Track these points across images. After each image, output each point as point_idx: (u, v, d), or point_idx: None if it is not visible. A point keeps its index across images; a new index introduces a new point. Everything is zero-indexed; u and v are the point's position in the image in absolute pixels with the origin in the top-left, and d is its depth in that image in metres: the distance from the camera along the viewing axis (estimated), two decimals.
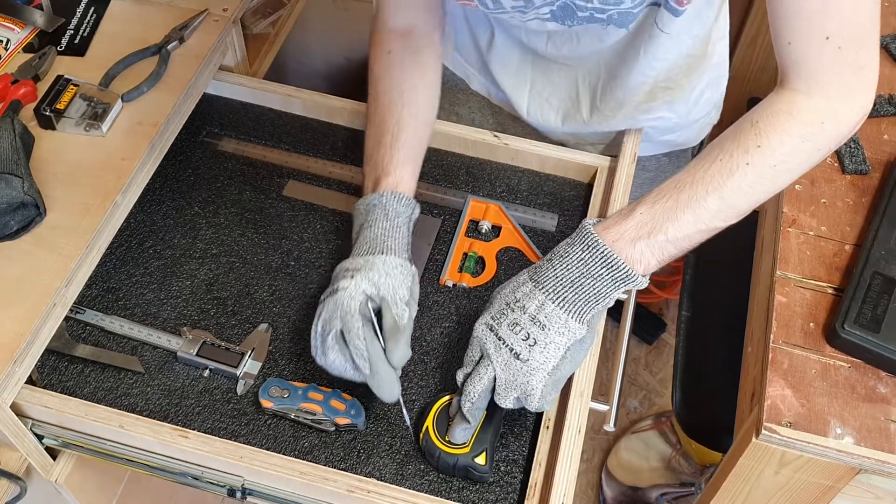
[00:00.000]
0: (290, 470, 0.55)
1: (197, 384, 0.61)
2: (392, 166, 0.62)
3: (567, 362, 0.54)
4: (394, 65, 0.65)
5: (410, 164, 0.63)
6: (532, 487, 0.56)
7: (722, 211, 0.54)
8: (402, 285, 0.57)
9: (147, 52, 0.73)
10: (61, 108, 0.68)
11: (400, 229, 0.60)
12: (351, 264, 0.58)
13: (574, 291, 0.53)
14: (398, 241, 0.60)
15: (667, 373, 1.29)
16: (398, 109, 0.64)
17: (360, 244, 0.59)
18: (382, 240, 0.59)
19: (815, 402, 0.58)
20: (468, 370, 0.55)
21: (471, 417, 0.55)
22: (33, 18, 0.76)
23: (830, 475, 0.59)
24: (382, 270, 0.57)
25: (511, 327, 0.53)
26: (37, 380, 0.60)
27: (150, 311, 0.65)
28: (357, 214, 0.62)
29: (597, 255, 0.53)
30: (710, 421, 0.84)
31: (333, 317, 0.55)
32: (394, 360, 0.55)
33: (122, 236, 0.68)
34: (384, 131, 0.63)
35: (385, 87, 0.65)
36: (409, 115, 0.64)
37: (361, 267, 0.57)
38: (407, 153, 0.63)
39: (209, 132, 0.77)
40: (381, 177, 0.62)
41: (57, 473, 0.64)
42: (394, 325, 0.55)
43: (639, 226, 0.54)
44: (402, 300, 0.56)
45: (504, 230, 0.70)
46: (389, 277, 0.57)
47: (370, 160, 0.64)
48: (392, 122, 0.63)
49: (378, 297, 0.56)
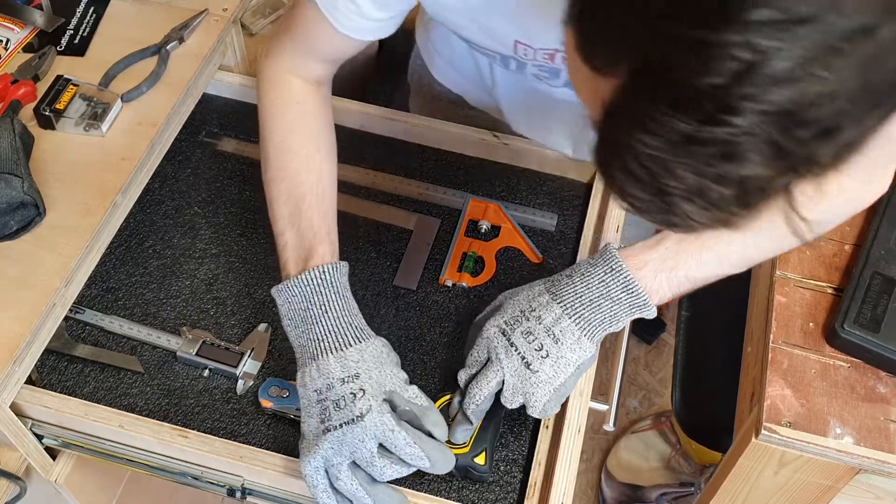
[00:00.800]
0: (290, 470, 0.55)
1: (196, 384, 0.61)
2: (325, 231, 0.56)
3: (573, 379, 0.54)
4: (307, 117, 0.59)
5: (335, 227, 0.57)
6: (532, 487, 0.56)
7: (742, 260, 0.55)
8: (396, 366, 0.53)
9: (147, 52, 0.73)
10: (61, 108, 0.68)
11: (352, 302, 0.54)
12: (341, 371, 0.51)
13: (591, 310, 0.53)
14: (360, 319, 0.54)
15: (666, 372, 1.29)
16: (317, 166, 0.57)
17: (323, 336, 0.52)
18: (349, 323, 0.53)
19: (815, 402, 0.58)
20: (472, 371, 0.55)
21: (474, 419, 0.55)
22: (33, 18, 0.76)
23: (830, 475, 0.59)
24: (378, 363, 0.52)
25: (525, 335, 0.53)
26: (36, 380, 0.60)
27: (149, 311, 0.65)
28: (290, 297, 0.53)
29: (619, 279, 0.53)
30: (709, 421, 0.84)
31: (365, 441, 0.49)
32: (440, 434, 0.52)
33: (121, 236, 0.68)
34: (303, 192, 0.56)
35: (299, 141, 0.58)
36: (329, 172, 0.58)
37: (359, 372, 0.51)
38: (333, 216, 0.57)
39: (209, 132, 0.77)
40: (314, 245, 0.55)
41: (57, 473, 0.64)
42: (420, 408, 0.52)
43: (663, 259, 0.54)
44: (406, 382, 0.53)
45: (503, 230, 0.70)
46: (385, 366, 0.52)
47: (292, 223, 0.56)
48: (313, 181, 0.57)
49: (388, 393, 0.51)
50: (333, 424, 0.50)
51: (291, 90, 0.59)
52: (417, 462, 0.51)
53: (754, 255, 0.56)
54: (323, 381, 0.51)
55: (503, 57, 0.57)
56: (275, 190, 0.57)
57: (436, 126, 0.75)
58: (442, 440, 0.52)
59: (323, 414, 0.51)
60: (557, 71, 0.57)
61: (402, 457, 0.51)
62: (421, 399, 0.52)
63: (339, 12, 0.53)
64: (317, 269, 0.53)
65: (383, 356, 0.53)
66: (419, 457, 0.51)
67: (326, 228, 0.56)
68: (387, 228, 0.70)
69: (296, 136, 0.58)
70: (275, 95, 0.59)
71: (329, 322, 0.52)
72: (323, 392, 0.51)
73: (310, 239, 0.55)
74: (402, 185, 0.73)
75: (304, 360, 0.53)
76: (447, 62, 0.75)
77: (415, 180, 0.73)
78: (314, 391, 0.51)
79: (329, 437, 0.50)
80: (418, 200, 0.72)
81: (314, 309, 0.53)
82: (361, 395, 0.50)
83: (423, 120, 0.76)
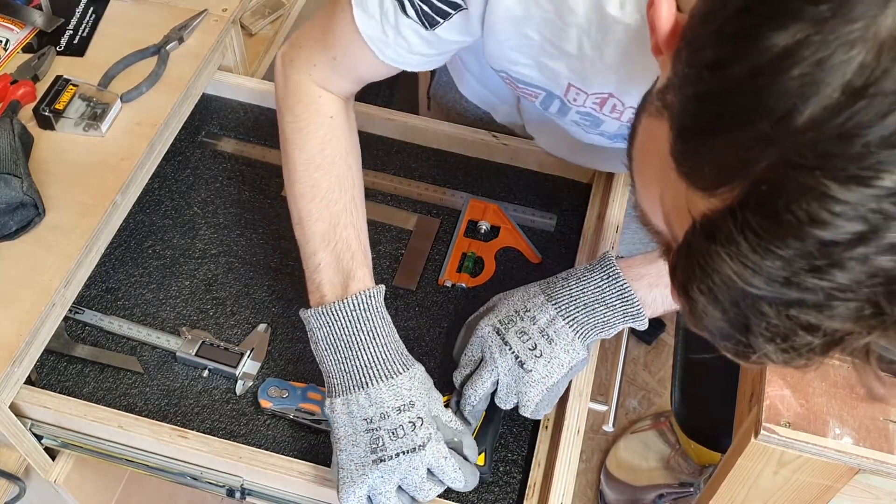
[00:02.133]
0: (289, 470, 0.55)
1: (196, 384, 0.61)
2: (361, 253, 0.54)
3: (565, 380, 0.54)
4: (338, 133, 0.56)
5: (369, 249, 0.56)
6: (531, 487, 0.56)
7: None
8: (434, 390, 0.53)
9: (146, 53, 0.73)
10: (60, 108, 0.68)
11: (393, 328, 0.53)
12: (395, 399, 0.50)
13: (585, 314, 0.53)
14: (402, 344, 0.53)
15: (666, 373, 1.29)
16: (351, 185, 0.56)
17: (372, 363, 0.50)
18: (396, 350, 0.52)
19: (814, 402, 0.58)
20: (467, 371, 0.55)
21: (471, 419, 0.55)
22: (32, 19, 0.76)
23: (829, 475, 0.59)
24: (426, 389, 0.51)
25: (519, 335, 0.53)
26: (36, 380, 0.60)
27: (149, 312, 0.65)
28: (330, 322, 0.51)
29: (615, 286, 0.53)
30: (708, 421, 0.84)
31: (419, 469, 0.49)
32: (474, 458, 0.53)
33: (121, 236, 0.68)
34: (338, 211, 0.54)
35: (331, 158, 0.55)
36: (360, 190, 0.57)
37: (413, 400, 0.50)
38: (367, 237, 0.56)
39: (208, 132, 0.77)
40: (353, 268, 0.53)
41: (56, 473, 0.64)
42: (458, 433, 0.52)
43: (659, 274, 0.54)
44: (446, 407, 0.53)
45: (503, 230, 0.70)
46: (431, 392, 0.52)
47: (327, 242, 0.53)
48: (347, 200, 0.55)
49: (435, 419, 0.51)
50: (389, 454, 0.49)
51: (322, 105, 0.56)
52: (456, 485, 0.51)
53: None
54: (375, 409, 0.50)
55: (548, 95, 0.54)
56: (306, 208, 0.55)
57: (435, 127, 0.75)
58: (473, 461, 0.53)
59: (375, 443, 0.49)
60: (600, 122, 0.54)
61: (444, 480, 0.51)
62: (456, 423, 0.53)
63: (388, 48, 0.51)
64: (361, 294, 0.51)
65: (428, 382, 0.53)
66: (460, 480, 0.51)
67: (363, 250, 0.54)
68: (386, 229, 0.70)
69: (327, 152, 0.56)
70: (304, 108, 0.56)
71: (377, 349, 0.51)
72: (375, 421, 0.50)
73: (347, 261, 0.53)
74: (402, 185, 0.73)
75: (348, 387, 0.51)
76: (477, 79, 0.74)
77: (414, 181, 0.73)
78: (363, 420, 0.50)
79: (382, 467, 0.49)
80: (418, 201, 0.72)
81: (361, 335, 0.51)
82: (420, 423, 0.50)
83: (422, 121, 0.76)
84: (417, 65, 0.53)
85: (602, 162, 0.70)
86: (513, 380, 0.53)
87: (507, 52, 0.50)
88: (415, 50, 0.51)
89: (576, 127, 0.58)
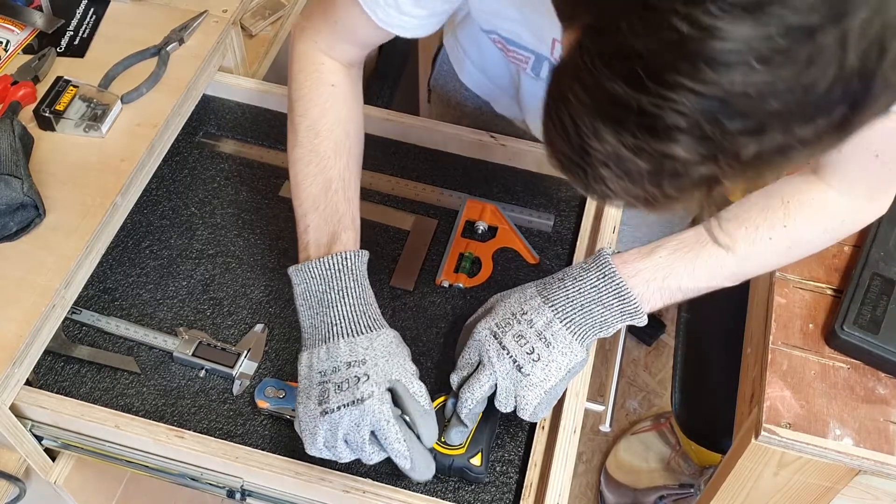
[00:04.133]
0: (286, 470, 0.55)
1: (193, 384, 0.61)
2: (349, 217, 0.56)
3: (563, 382, 0.54)
4: (339, 100, 0.58)
5: (359, 215, 0.57)
6: (528, 488, 0.56)
7: (735, 274, 0.55)
8: (406, 358, 0.53)
9: (146, 54, 0.73)
10: (61, 109, 0.68)
11: (369, 291, 0.54)
12: (349, 355, 0.51)
13: (582, 315, 0.53)
14: (375, 308, 0.54)
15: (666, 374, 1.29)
16: (346, 151, 0.57)
17: (337, 321, 0.52)
18: (363, 311, 0.53)
19: (815, 404, 0.57)
20: (464, 374, 0.55)
21: (468, 422, 0.55)
22: (33, 20, 0.76)
23: (829, 476, 0.59)
24: (386, 352, 0.52)
25: (516, 338, 0.53)
26: (33, 380, 0.60)
27: (146, 312, 0.65)
28: (307, 278, 0.53)
29: (611, 285, 0.53)
30: (709, 422, 0.83)
31: (360, 426, 0.50)
32: (428, 441, 0.51)
33: (118, 237, 0.68)
34: (331, 176, 0.56)
35: (329, 124, 0.57)
36: (357, 157, 0.59)
37: (366, 358, 0.51)
38: (357, 202, 0.57)
39: (206, 133, 0.77)
40: (338, 231, 0.55)
41: (56, 475, 0.64)
42: (420, 408, 0.51)
43: (656, 268, 0.53)
44: (414, 375, 0.52)
45: (500, 231, 0.70)
46: (394, 357, 0.52)
47: (316, 205, 0.55)
48: (342, 166, 0.57)
49: (392, 382, 0.51)
50: (332, 406, 0.50)
51: (324, 71, 0.58)
52: (400, 460, 0.51)
53: (750, 269, 0.56)
54: (330, 363, 0.51)
55: (537, 58, 0.56)
56: (302, 172, 0.57)
57: (433, 127, 0.75)
58: (427, 446, 0.52)
59: (322, 396, 0.51)
60: None
61: (387, 450, 0.51)
62: (423, 399, 0.52)
63: (379, 8, 0.53)
64: (339, 254, 0.53)
65: (393, 346, 0.53)
66: (403, 456, 0.50)
67: (351, 215, 0.56)
68: (384, 229, 0.70)
69: (327, 119, 0.58)
70: (306, 76, 0.58)
71: (345, 308, 0.52)
72: (327, 374, 0.51)
73: (334, 224, 0.55)
74: (400, 185, 0.73)
75: (314, 341, 0.53)
76: (476, 65, 0.75)
77: (412, 181, 0.73)
78: (318, 373, 0.51)
79: (327, 419, 0.50)
80: (415, 201, 0.72)
81: (331, 293, 0.53)
82: (365, 379, 0.50)
83: (420, 121, 0.76)
84: (411, 28, 0.55)
85: None
86: (511, 383, 0.53)
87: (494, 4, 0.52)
88: (404, 10, 0.53)
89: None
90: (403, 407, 0.51)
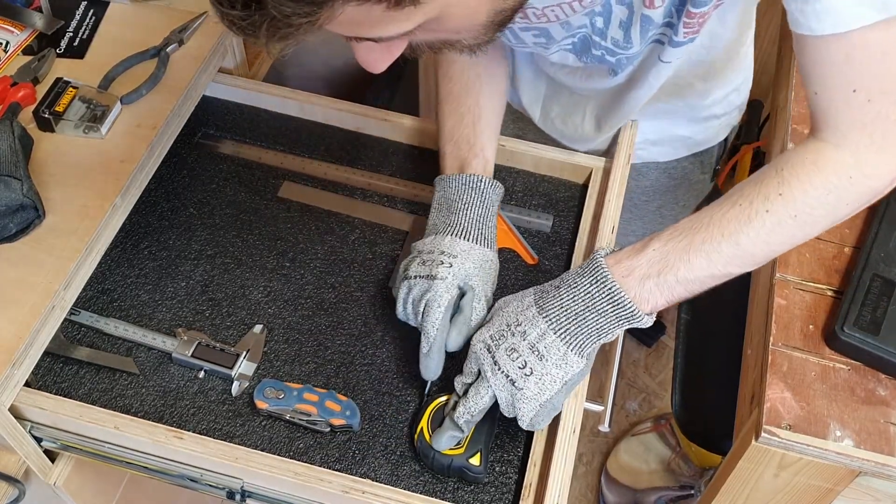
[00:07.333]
0: (285, 471, 0.55)
1: (192, 385, 0.61)
2: (479, 147, 0.63)
3: (561, 394, 0.53)
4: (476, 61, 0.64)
5: (493, 147, 0.64)
6: (527, 488, 0.55)
7: (737, 257, 0.51)
8: (491, 282, 0.59)
9: (146, 55, 0.73)
10: (60, 110, 0.68)
11: (492, 219, 0.61)
12: (448, 247, 0.58)
13: (577, 324, 0.52)
14: (492, 232, 0.61)
15: (666, 375, 1.28)
16: (476, 89, 0.64)
17: (455, 223, 0.59)
18: (479, 228, 0.59)
19: (815, 405, 0.57)
20: (467, 381, 0.55)
21: (466, 429, 0.55)
22: (33, 21, 0.76)
23: (830, 478, 0.59)
24: (479, 263, 0.58)
25: (509, 353, 0.52)
26: (32, 381, 0.60)
27: (145, 313, 0.65)
28: (445, 187, 0.62)
29: (604, 290, 0.52)
30: (709, 423, 0.83)
31: (422, 299, 0.57)
32: (451, 346, 0.57)
33: (117, 237, 0.68)
34: (464, 110, 0.64)
35: (466, 73, 0.65)
36: (488, 95, 0.65)
37: (459, 255, 0.57)
38: (490, 135, 0.64)
39: (205, 133, 0.77)
40: (469, 158, 0.63)
41: (56, 476, 0.64)
42: (467, 318, 0.57)
43: (650, 263, 0.52)
44: (486, 298, 0.58)
45: (499, 231, 0.70)
46: (482, 272, 0.58)
47: (451, 137, 0.64)
48: (471, 102, 0.64)
49: (467, 287, 0.57)
50: (410, 274, 0.58)
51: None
52: (422, 341, 0.57)
53: (753, 249, 0.51)
54: (428, 246, 0.59)
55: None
56: (441, 110, 0.66)
57: (431, 127, 0.75)
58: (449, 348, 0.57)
59: (408, 264, 0.59)
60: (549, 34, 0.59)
61: (422, 326, 0.57)
62: (475, 315, 0.57)
63: None
64: (471, 175, 0.62)
65: (487, 265, 0.59)
66: (427, 341, 0.56)
67: (480, 145, 0.63)
68: (382, 230, 0.70)
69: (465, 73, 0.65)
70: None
71: (465, 217, 0.60)
72: (422, 252, 0.59)
73: (466, 151, 0.63)
74: (398, 186, 0.73)
75: (428, 232, 0.61)
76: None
77: (411, 181, 0.73)
78: (417, 250, 0.60)
79: (405, 284, 0.58)
80: (414, 202, 0.72)
81: (458, 203, 0.61)
82: (447, 266, 0.57)
83: (418, 121, 0.76)
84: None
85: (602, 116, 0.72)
86: (508, 394, 0.53)
87: None
88: None
89: (540, 49, 0.62)
90: (458, 308, 0.57)
